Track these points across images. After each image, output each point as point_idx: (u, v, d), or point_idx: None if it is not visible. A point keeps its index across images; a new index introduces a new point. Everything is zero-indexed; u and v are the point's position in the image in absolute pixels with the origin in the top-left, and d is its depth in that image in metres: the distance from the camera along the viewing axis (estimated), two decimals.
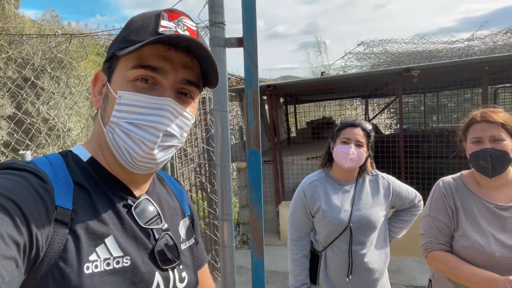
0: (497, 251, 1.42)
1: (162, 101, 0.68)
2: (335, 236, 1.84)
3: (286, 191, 5.54)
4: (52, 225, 0.60)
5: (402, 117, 5.29)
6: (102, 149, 0.74)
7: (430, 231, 1.61)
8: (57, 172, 0.67)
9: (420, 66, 4.61)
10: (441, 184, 1.64)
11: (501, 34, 6.44)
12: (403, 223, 2.01)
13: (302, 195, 1.93)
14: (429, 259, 1.61)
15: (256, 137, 1.09)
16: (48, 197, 0.62)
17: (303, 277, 1.91)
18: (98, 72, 0.76)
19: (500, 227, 1.46)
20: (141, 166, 0.71)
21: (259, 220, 1.11)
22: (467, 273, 1.44)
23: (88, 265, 0.62)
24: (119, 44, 0.70)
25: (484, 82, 4.63)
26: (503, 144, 1.44)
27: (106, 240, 0.66)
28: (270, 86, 5.27)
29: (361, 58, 6.73)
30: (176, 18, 0.71)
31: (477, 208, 1.52)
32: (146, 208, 0.76)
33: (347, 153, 1.80)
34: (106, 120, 0.71)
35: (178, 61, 0.70)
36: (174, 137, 0.71)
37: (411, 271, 4.28)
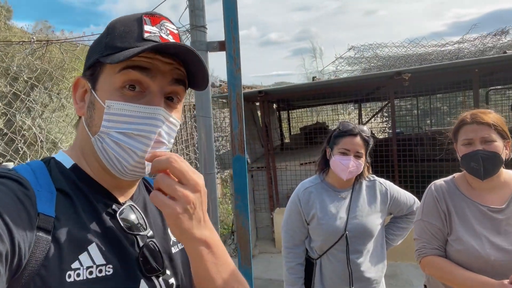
0: (492, 255, 1.39)
1: (153, 110, 0.68)
2: (331, 244, 1.79)
3: (280, 198, 5.49)
4: (34, 232, 0.59)
5: (394, 120, 5.30)
6: (86, 156, 0.73)
7: (423, 236, 1.58)
8: (39, 179, 0.66)
9: (411, 70, 4.62)
10: (433, 188, 1.62)
11: (491, 36, 6.50)
12: (401, 230, 1.97)
13: (296, 201, 1.88)
14: (423, 264, 1.57)
15: (240, 142, 1.06)
16: (30, 204, 0.61)
17: (298, 286, 1.86)
18: (78, 78, 0.75)
19: (494, 229, 1.44)
20: (131, 174, 0.71)
21: (245, 228, 1.07)
22: (462, 278, 1.41)
23: (70, 273, 0.60)
24: (103, 50, 0.69)
25: (474, 84, 4.65)
26: (494, 145, 1.42)
27: (89, 247, 0.65)
28: (261, 92, 5.26)
29: (352, 63, 6.76)
30: (158, 23, 0.71)
31: (470, 211, 1.50)
32: (130, 215, 0.75)
33: (346, 166, 1.74)
34: (94, 129, 0.70)
35: (166, 64, 0.70)
36: (163, 144, 0.71)
37: (407, 276, 4.25)
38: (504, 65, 4.40)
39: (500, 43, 6.18)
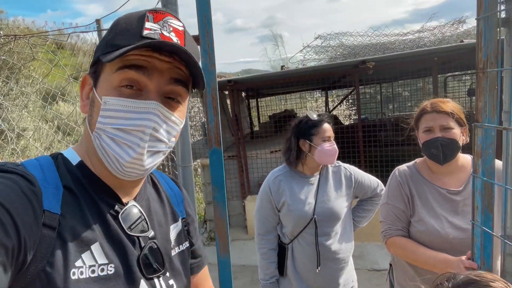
0: (451, 233, 1.50)
1: (147, 104, 0.67)
2: (301, 228, 1.88)
3: (251, 186, 5.56)
4: (40, 229, 0.60)
5: (359, 107, 5.47)
6: (89, 154, 0.73)
7: (388, 218, 1.68)
8: (46, 175, 0.66)
9: (374, 58, 4.77)
10: (397, 173, 1.71)
11: (449, 26, 6.80)
12: (366, 212, 2.08)
13: (267, 190, 1.94)
14: (388, 245, 1.67)
15: (217, 135, 1.09)
16: (36, 200, 0.61)
17: (272, 270, 1.94)
18: (86, 76, 0.74)
19: (453, 210, 1.55)
20: (129, 173, 0.69)
21: (223, 219, 1.11)
22: (424, 256, 1.51)
23: (74, 270, 0.61)
24: (104, 48, 0.68)
25: (434, 71, 4.88)
26: (452, 132, 1.51)
27: (92, 246, 0.65)
28: (231, 81, 5.25)
29: (319, 51, 6.87)
30: (162, 19, 0.69)
31: (430, 194, 1.60)
32: (132, 216, 0.75)
33: (335, 150, 1.87)
34: (92, 127, 0.69)
35: (163, 62, 0.68)
36: (161, 142, 0.70)
37: (373, 256, 4.47)
38: (461, 53, 4.63)
39: (458, 32, 6.49)
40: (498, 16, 1.07)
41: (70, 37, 3.50)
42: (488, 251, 1.19)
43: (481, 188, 1.17)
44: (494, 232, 1.15)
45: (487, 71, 1.10)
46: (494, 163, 1.15)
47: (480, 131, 1.15)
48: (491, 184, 1.15)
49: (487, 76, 1.10)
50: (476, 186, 1.18)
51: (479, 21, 1.11)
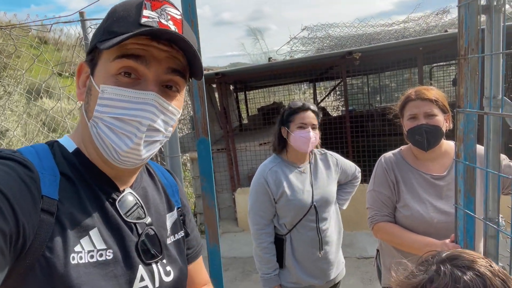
0: (435, 218, 1.54)
1: (145, 95, 0.67)
2: (301, 217, 1.91)
3: (241, 178, 5.58)
4: (38, 214, 0.60)
5: (347, 98, 5.51)
6: (85, 142, 0.73)
7: (374, 205, 1.71)
8: (43, 162, 0.66)
9: (361, 49, 4.80)
10: (382, 160, 1.75)
11: (433, 16, 6.88)
12: (348, 195, 2.17)
13: (263, 183, 1.93)
14: (375, 230, 1.71)
15: (204, 125, 1.09)
16: (35, 186, 0.61)
17: (273, 263, 1.94)
18: (82, 63, 0.74)
19: (437, 195, 1.59)
20: (126, 162, 0.70)
21: (212, 208, 1.12)
22: (409, 240, 1.55)
23: (74, 255, 0.62)
24: (101, 35, 0.68)
25: (419, 62, 4.93)
26: (436, 119, 1.54)
27: (91, 232, 0.66)
28: (218, 74, 5.23)
29: (306, 43, 6.87)
30: (159, 7, 0.68)
31: (415, 180, 1.64)
32: (129, 203, 0.75)
33: (308, 138, 1.87)
34: (89, 115, 0.70)
35: (161, 51, 0.68)
36: (159, 132, 0.71)
37: (362, 244, 4.54)
38: (445, 43, 4.69)
39: (442, 22, 6.57)
40: (478, 3, 1.09)
41: (54, 32, 3.43)
42: (471, 233, 1.23)
43: (463, 172, 1.20)
44: (476, 215, 1.19)
45: (468, 57, 1.12)
46: (476, 148, 1.18)
47: (462, 116, 1.18)
48: (473, 168, 1.18)
49: (469, 62, 1.13)
50: (458, 170, 1.21)
51: (460, 8, 1.13)
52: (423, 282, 0.65)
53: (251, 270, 4.18)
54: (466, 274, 0.62)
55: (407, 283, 0.68)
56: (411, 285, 0.67)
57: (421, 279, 0.66)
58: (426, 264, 0.69)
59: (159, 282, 0.75)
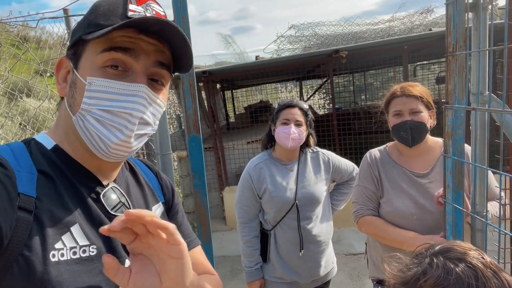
0: (415, 214, 1.56)
1: (135, 87, 0.67)
2: (283, 214, 1.91)
3: (229, 177, 5.56)
4: (15, 212, 0.58)
5: (334, 97, 5.55)
6: (69, 137, 0.71)
7: (359, 199, 1.74)
8: (19, 160, 0.65)
9: (347, 47, 4.84)
10: (367, 156, 1.77)
11: (418, 15, 7.00)
12: (343, 196, 2.15)
13: (248, 178, 1.96)
14: (359, 224, 1.74)
15: (195, 122, 1.08)
16: (10, 183, 0.60)
17: (256, 257, 1.97)
18: (62, 58, 0.73)
19: (419, 192, 1.60)
20: (114, 154, 0.69)
21: (204, 205, 1.11)
22: (393, 234, 1.58)
23: (54, 253, 0.60)
24: (86, 28, 0.67)
25: (404, 60, 5.00)
26: (421, 115, 1.56)
27: (72, 228, 0.64)
28: (205, 72, 5.19)
29: (293, 41, 6.91)
30: (144, 3, 0.70)
31: (398, 176, 1.66)
32: (113, 197, 0.75)
33: (288, 133, 1.87)
34: (75, 108, 0.68)
35: (150, 44, 0.68)
36: (148, 124, 0.71)
37: (349, 241, 4.59)
38: (429, 41, 4.77)
39: (426, 20, 6.69)
40: (466, 0, 1.11)
41: (35, 31, 3.36)
42: (459, 227, 1.25)
43: (452, 167, 1.22)
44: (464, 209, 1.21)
45: (456, 54, 1.14)
46: (464, 143, 1.20)
47: (450, 112, 1.19)
48: (461, 163, 1.20)
49: (456, 59, 1.15)
50: (447, 166, 1.23)
51: (448, 6, 1.15)
52: (417, 275, 0.66)
53: (239, 269, 4.18)
54: (458, 266, 0.63)
55: (401, 276, 0.69)
56: (405, 278, 0.68)
57: (415, 271, 0.67)
58: (420, 257, 0.70)
59: None
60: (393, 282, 0.69)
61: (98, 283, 0.64)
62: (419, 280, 0.65)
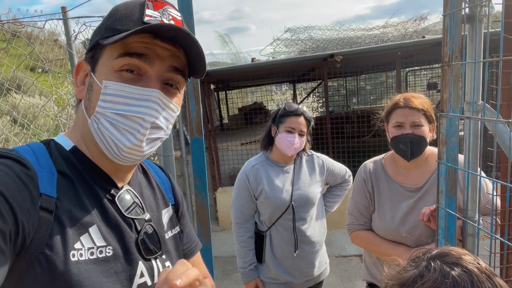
0: (403, 231, 1.56)
1: (149, 92, 0.68)
2: (279, 215, 1.95)
3: (222, 178, 5.57)
4: (37, 212, 0.60)
5: (328, 100, 5.60)
6: (85, 139, 0.73)
7: (352, 213, 1.76)
8: (40, 160, 0.66)
9: (342, 52, 4.89)
10: (362, 170, 1.77)
11: (411, 22, 7.11)
12: (336, 198, 2.19)
13: (245, 179, 1.99)
14: (352, 237, 1.78)
15: (198, 125, 1.10)
16: (33, 184, 0.61)
17: (250, 258, 2.00)
18: (81, 61, 0.74)
19: (410, 207, 1.59)
20: (127, 158, 0.70)
21: (205, 207, 1.13)
22: (385, 248, 1.59)
23: (74, 252, 0.62)
24: (103, 32, 0.68)
25: (398, 66, 5.07)
26: (422, 129, 1.53)
27: (90, 229, 0.66)
28: None
29: (288, 45, 6.96)
30: (161, 7, 0.70)
31: (391, 192, 1.65)
32: (128, 199, 0.76)
33: (292, 143, 1.90)
34: (91, 111, 0.70)
35: (164, 49, 0.69)
36: (161, 129, 0.72)
37: (340, 243, 4.63)
38: (422, 48, 4.85)
39: (420, 27, 6.79)
40: (462, 12, 1.15)
41: (25, 26, 3.33)
42: (452, 231, 1.29)
43: (446, 173, 1.26)
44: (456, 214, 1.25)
45: (452, 64, 1.18)
46: (458, 150, 1.24)
47: (445, 120, 1.23)
48: (454, 170, 1.24)
49: (452, 69, 1.18)
50: (440, 172, 1.27)
51: (445, 17, 1.19)
52: (414, 277, 0.69)
53: (231, 269, 4.19)
54: (455, 270, 0.66)
55: (398, 277, 0.72)
56: (403, 279, 0.70)
57: (412, 274, 0.69)
58: (417, 260, 0.73)
59: (158, 278, 0.76)
60: (390, 283, 0.72)
61: (113, 283, 0.66)
62: (416, 283, 0.67)
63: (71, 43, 2.35)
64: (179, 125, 4.82)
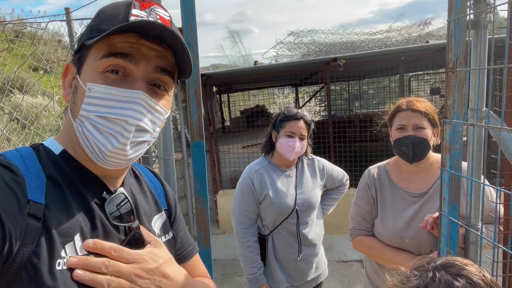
0: (406, 238, 1.55)
1: (132, 93, 0.66)
2: (282, 219, 1.95)
3: (223, 180, 5.56)
4: (25, 219, 0.58)
5: (330, 104, 5.59)
6: (72, 142, 0.71)
7: (355, 217, 1.75)
8: (28, 166, 0.64)
9: (345, 56, 4.89)
10: (366, 174, 1.76)
11: (415, 26, 7.10)
12: (333, 201, 2.22)
13: (249, 183, 1.97)
14: (354, 242, 1.76)
15: (199, 128, 1.09)
16: (20, 190, 0.59)
17: (258, 262, 1.98)
18: (68, 64, 0.73)
19: (413, 213, 1.57)
20: (111, 162, 0.68)
21: (205, 211, 1.12)
22: (388, 254, 1.58)
23: (60, 261, 0.61)
24: (89, 34, 0.67)
25: (401, 70, 5.06)
26: (424, 132, 1.53)
27: (76, 237, 0.64)
28: (203, 75, 5.21)
29: (291, 48, 6.96)
30: (148, 7, 0.68)
31: (394, 198, 1.64)
32: (117, 205, 0.74)
33: (293, 147, 1.91)
34: (75, 114, 0.68)
35: (151, 49, 0.67)
36: (146, 132, 0.70)
37: (341, 248, 4.61)
38: (426, 53, 4.84)
39: (424, 32, 6.79)
40: (467, 18, 1.14)
41: (29, 26, 3.34)
42: (454, 239, 1.27)
43: (449, 181, 1.24)
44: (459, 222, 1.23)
45: (456, 70, 1.17)
46: (461, 157, 1.22)
47: (448, 127, 1.22)
48: (457, 177, 1.23)
49: (456, 75, 1.17)
50: (443, 179, 1.25)
51: (450, 23, 1.18)
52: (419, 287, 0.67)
53: (231, 272, 4.17)
54: (459, 281, 0.65)
55: (402, 287, 0.70)
56: None
57: (416, 284, 0.68)
58: (421, 269, 0.71)
59: None
60: None
61: None
62: None
63: (74, 44, 2.35)
64: (181, 127, 4.82)
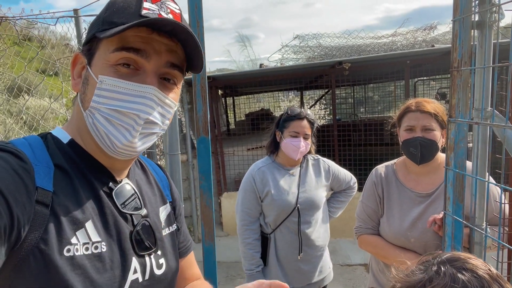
0: (412, 237, 1.54)
1: (144, 88, 0.67)
2: (284, 217, 1.95)
3: (228, 182, 5.57)
4: (33, 206, 0.59)
5: (335, 108, 5.60)
6: (81, 132, 0.72)
7: (361, 216, 1.75)
8: (36, 154, 0.65)
9: (350, 60, 4.89)
10: (373, 173, 1.76)
11: (421, 31, 7.10)
12: (340, 204, 2.20)
13: (251, 181, 2.00)
14: (359, 241, 1.76)
15: (205, 124, 1.11)
16: (29, 177, 0.60)
17: (257, 260, 1.99)
18: (77, 54, 0.74)
19: (420, 213, 1.57)
20: (121, 153, 0.70)
21: (209, 207, 1.13)
22: (393, 254, 1.56)
23: (69, 247, 0.61)
24: (100, 25, 0.68)
25: (406, 74, 5.05)
26: (433, 133, 1.52)
27: (87, 224, 0.65)
28: (209, 77, 5.24)
29: (297, 51, 6.98)
30: (159, 0, 0.69)
31: (400, 197, 1.64)
32: (126, 193, 0.75)
33: (297, 147, 1.92)
34: (86, 105, 0.69)
35: (162, 44, 0.68)
36: (155, 124, 0.71)
37: (345, 251, 4.59)
38: (432, 57, 4.83)
39: (429, 37, 6.78)
40: (472, 18, 1.14)
41: (38, 30, 3.39)
42: (459, 239, 1.27)
43: (453, 180, 1.24)
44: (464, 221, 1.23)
45: (461, 69, 1.17)
46: (466, 157, 1.22)
47: (453, 126, 1.22)
48: (462, 176, 1.23)
49: (461, 75, 1.18)
50: (448, 178, 1.25)
51: (455, 23, 1.18)
52: (423, 281, 0.67)
53: (235, 275, 4.17)
54: (465, 275, 0.64)
55: (407, 280, 0.70)
56: (411, 283, 0.69)
57: (421, 278, 0.68)
58: (427, 264, 0.71)
59: (149, 274, 0.75)
60: (398, 285, 0.71)
61: (106, 279, 0.66)
62: (425, 287, 0.66)
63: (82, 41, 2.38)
64: (186, 128, 4.84)
